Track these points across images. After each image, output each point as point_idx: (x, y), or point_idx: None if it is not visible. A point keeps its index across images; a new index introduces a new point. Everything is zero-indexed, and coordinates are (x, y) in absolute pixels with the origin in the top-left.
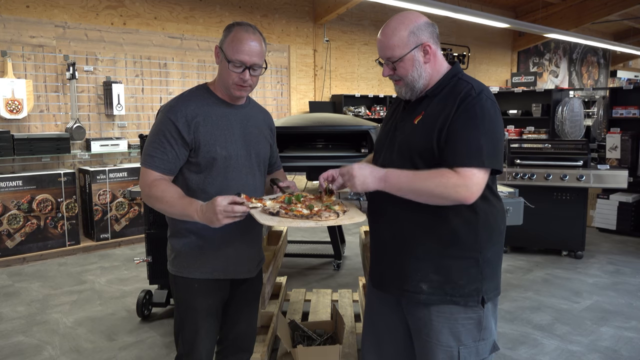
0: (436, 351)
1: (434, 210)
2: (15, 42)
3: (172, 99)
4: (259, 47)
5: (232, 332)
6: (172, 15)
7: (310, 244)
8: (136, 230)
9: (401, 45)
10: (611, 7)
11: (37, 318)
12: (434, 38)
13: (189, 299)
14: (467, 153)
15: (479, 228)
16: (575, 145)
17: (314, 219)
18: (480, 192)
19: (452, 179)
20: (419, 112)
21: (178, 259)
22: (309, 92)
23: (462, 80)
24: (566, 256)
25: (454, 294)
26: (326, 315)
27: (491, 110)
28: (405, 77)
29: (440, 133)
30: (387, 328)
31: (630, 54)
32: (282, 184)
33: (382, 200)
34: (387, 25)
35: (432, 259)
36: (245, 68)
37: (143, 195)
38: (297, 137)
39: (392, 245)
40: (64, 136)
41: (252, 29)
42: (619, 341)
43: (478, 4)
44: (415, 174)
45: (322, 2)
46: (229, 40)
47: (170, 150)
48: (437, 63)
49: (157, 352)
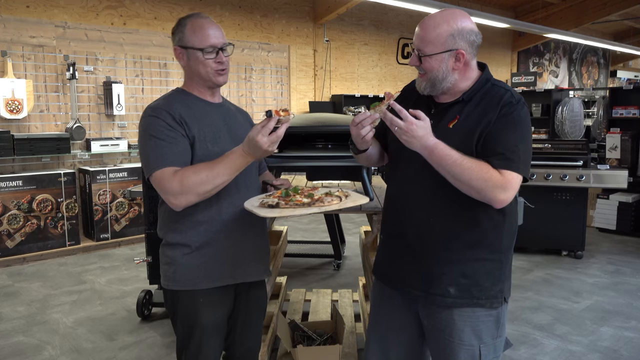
0: (458, 351)
1: (467, 215)
2: (15, 42)
3: (150, 105)
4: (219, 29)
5: (238, 350)
6: (172, 15)
7: (310, 244)
8: (136, 230)
9: (436, 44)
10: (611, 7)
11: (37, 318)
12: (472, 48)
13: (194, 314)
14: (508, 157)
15: (504, 231)
16: (575, 145)
17: (316, 204)
18: (512, 198)
19: (495, 178)
20: (452, 116)
21: (179, 272)
22: (309, 92)
23: (497, 86)
24: (566, 256)
25: (481, 296)
26: (326, 315)
27: (527, 119)
28: (430, 73)
29: (479, 137)
30: (394, 328)
31: (630, 54)
32: (275, 182)
33: (408, 204)
34: (433, 17)
35: (461, 263)
36: (218, 50)
37: (177, 195)
38: (297, 137)
39: (418, 249)
40: (64, 136)
41: (204, 15)
42: (619, 341)
43: (478, 4)
44: (462, 159)
45: (322, 2)
46: (188, 33)
47: (174, 145)
48: (468, 71)
49: (157, 352)
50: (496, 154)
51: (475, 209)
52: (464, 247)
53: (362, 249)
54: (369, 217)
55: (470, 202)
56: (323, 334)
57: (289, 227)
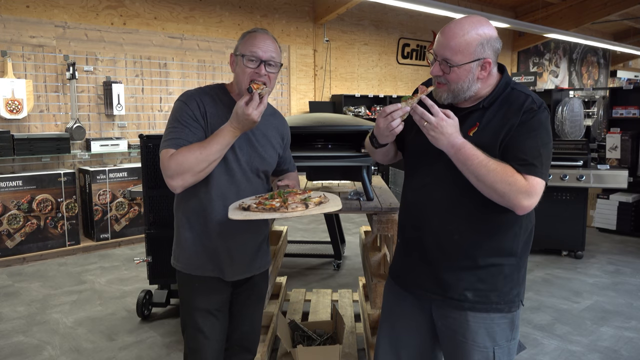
0: (472, 352)
1: (487, 224)
2: (15, 42)
3: (186, 91)
4: (273, 46)
5: (235, 332)
6: (172, 15)
7: (310, 244)
8: (136, 230)
9: (465, 53)
10: (611, 7)
11: (37, 318)
12: (495, 54)
13: (191, 297)
14: (532, 163)
15: (522, 235)
16: (575, 145)
17: (279, 210)
18: (536, 204)
19: (520, 183)
20: (472, 123)
21: (181, 254)
22: (309, 92)
23: (516, 90)
24: (566, 256)
25: (499, 301)
26: (326, 315)
27: (548, 122)
28: (454, 84)
29: (501, 144)
30: (406, 328)
31: (630, 54)
32: (280, 182)
33: (426, 211)
34: (459, 24)
35: (478, 269)
36: (260, 62)
37: (174, 176)
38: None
39: (435, 256)
40: (64, 136)
41: (266, 32)
42: (619, 341)
43: (478, 4)
44: (487, 160)
45: (322, 2)
46: (244, 41)
47: (192, 133)
48: (490, 78)
49: (157, 352)
50: (519, 159)
51: (496, 217)
52: (482, 254)
53: (362, 249)
54: (369, 217)
55: (490, 210)
56: (323, 334)
57: (289, 227)
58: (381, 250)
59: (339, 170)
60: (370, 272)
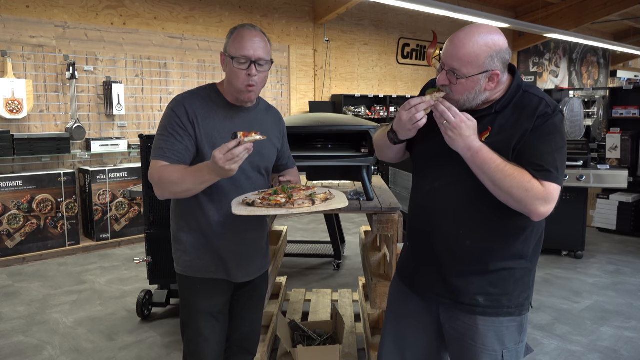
0: (480, 355)
1: (499, 230)
2: (15, 42)
3: (177, 96)
4: (262, 43)
5: (235, 333)
6: (172, 15)
7: (310, 244)
8: (136, 230)
9: (474, 65)
10: (611, 7)
11: (37, 318)
12: (504, 65)
13: (192, 299)
14: (547, 169)
15: (533, 239)
16: (575, 145)
17: (286, 206)
18: (552, 211)
19: (536, 189)
20: (484, 127)
21: (182, 257)
22: (309, 92)
23: (529, 93)
24: (566, 256)
25: (510, 305)
26: (326, 315)
27: (562, 126)
28: (460, 95)
29: (515, 149)
30: (412, 329)
31: (630, 54)
32: (282, 178)
33: (437, 216)
34: (469, 34)
35: (491, 273)
36: (250, 63)
37: (156, 186)
38: (297, 137)
39: (446, 261)
40: (64, 136)
41: (253, 27)
42: (619, 341)
43: (478, 4)
44: (504, 165)
45: (322, 2)
46: (231, 40)
47: (178, 142)
48: (498, 86)
49: (157, 352)
50: (534, 165)
51: (509, 222)
52: (494, 259)
53: (362, 249)
54: (368, 217)
55: (505, 215)
56: (323, 334)
57: (289, 227)
58: (381, 250)
59: (339, 170)
60: (370, 272)
